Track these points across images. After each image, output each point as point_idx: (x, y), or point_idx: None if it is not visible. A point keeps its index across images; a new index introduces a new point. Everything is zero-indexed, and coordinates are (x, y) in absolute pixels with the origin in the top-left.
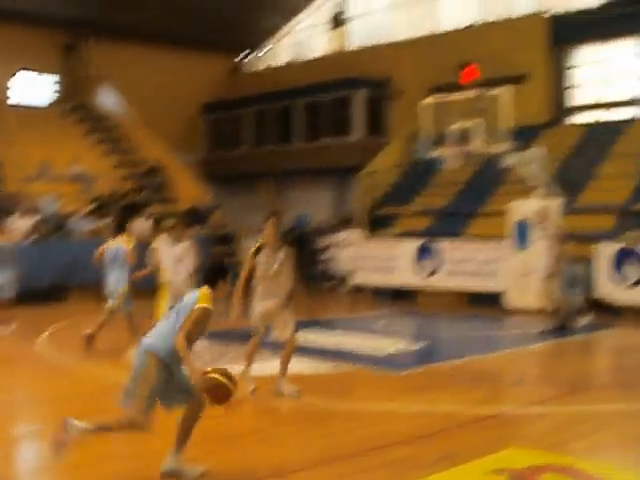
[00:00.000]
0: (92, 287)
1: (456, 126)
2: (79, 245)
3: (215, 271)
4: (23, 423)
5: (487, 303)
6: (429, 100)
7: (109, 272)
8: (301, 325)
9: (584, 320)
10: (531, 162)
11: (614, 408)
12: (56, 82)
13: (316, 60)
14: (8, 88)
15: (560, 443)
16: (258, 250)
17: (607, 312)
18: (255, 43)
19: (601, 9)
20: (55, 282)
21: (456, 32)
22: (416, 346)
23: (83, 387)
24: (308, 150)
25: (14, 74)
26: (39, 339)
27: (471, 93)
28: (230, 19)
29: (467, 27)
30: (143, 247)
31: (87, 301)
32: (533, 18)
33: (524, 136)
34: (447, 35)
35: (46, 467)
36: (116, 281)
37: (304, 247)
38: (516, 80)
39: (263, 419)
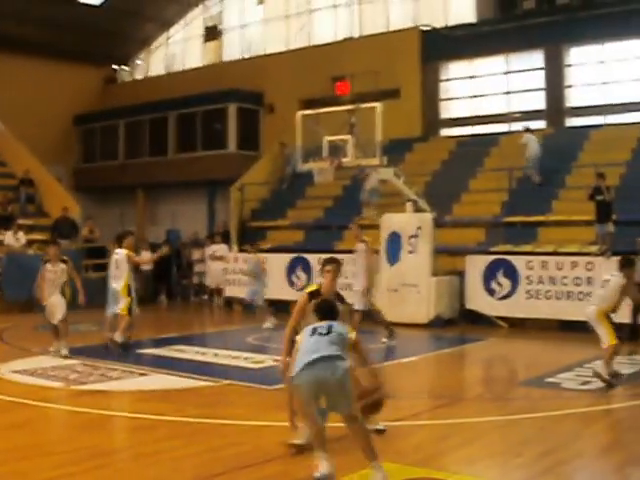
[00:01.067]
0: None
1: (329, 139)
2: None
3: (332, 310)
4: None
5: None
6: (302, 113)
7: None
8: (173, 340)
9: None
10: (400, 177)
11: (486, 420)
12: None
13: (190, 72)
14: None
15: (433, 457)
16: (312, 297)
17: (479, 324)
18: (129, 54)
19: (473, 26)
20: None
21: (330, 46)
22: None
23: None
24: (182, 162)
25: None
26: None
27: (345, 107)
28: (104, 30)
29: (341, 41)
30: (10, 259)
31: None
32: (407, 33)
33: (398, 150)
34: (321, 49)
35: None
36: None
37: (176, 262)
38: (390, 94)
39: (136, 435)
